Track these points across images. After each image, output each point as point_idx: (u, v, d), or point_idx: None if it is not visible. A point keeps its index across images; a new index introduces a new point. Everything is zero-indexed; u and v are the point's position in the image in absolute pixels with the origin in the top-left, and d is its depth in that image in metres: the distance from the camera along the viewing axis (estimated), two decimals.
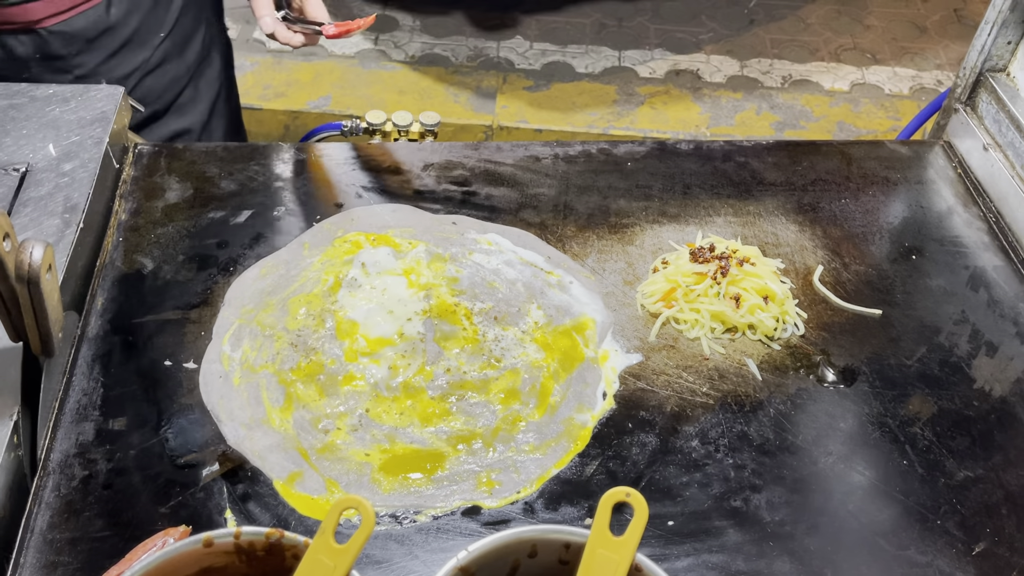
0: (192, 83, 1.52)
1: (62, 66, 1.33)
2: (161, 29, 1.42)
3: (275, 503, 0.92)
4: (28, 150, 1.17)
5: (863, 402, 1.06)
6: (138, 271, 1.13)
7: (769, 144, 1.39)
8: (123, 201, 1.21)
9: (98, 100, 1.24)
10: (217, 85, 1.59)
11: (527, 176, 1.30)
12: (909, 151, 1.40)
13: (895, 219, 1.28)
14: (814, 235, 1.25)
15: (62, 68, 1.33)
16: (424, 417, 1.00)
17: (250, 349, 1.05)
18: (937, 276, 1.21)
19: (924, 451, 1.01)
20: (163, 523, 0.89)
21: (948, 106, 1.43)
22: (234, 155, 1.29)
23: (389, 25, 3.23)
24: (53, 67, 1.33)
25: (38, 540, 0.88)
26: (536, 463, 0.97)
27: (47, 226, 1.08)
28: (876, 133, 2.91)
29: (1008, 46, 1.33)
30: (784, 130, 2.92)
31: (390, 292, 1.11)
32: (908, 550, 0.93)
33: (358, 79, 2.98)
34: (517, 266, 1.16)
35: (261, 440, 0.97)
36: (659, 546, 0.91)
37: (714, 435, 1.01)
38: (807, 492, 0.97)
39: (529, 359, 1.06)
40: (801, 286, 1.18)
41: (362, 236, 1.18)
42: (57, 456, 0.94)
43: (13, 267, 0.82)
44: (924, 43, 3.33)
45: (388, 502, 0.93)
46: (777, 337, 1.11)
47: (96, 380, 1.01)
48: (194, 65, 1.51)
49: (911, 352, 1.11)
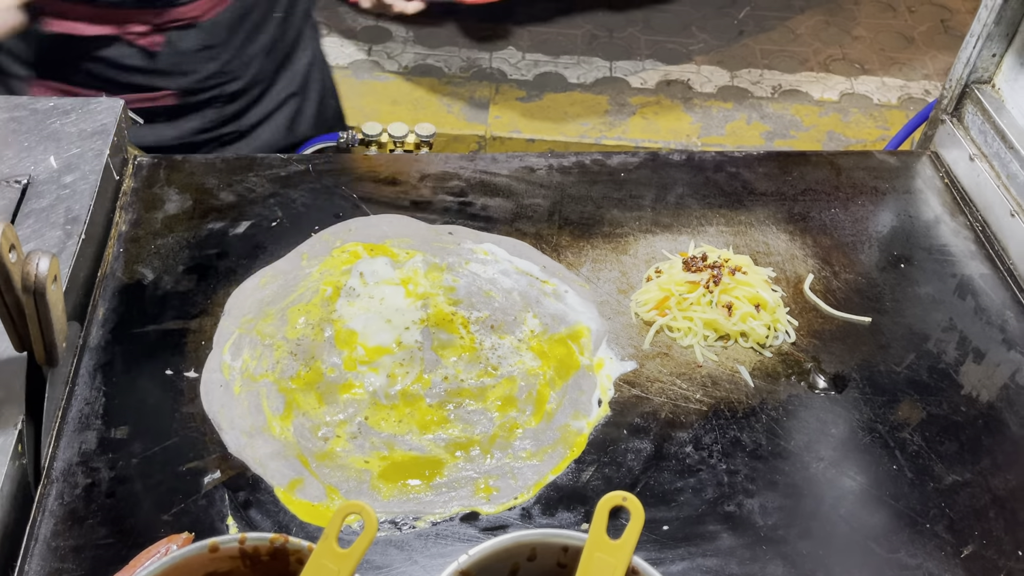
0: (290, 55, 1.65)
1: (211, 55, 1.49)
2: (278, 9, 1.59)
3: (276, 510, 0.94)
4: (30, 162, 1.18)
5: (854, 408, 1.08)
6: (139, 282, 1.14)
7: (760, 155, 1.42)
8: (123, 212, 1.23)
9: (98, 113, 1.26)
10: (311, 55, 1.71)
11: (522, 187, 1.32)
12: (897, 161, 1.42)
13: (884, 228, 1.31)
14: (804, 244, 1.27)
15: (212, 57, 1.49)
16: (422, 424, 1.01)
17: (250, 358, 1.07)
18: (925, 284, 1.23)
19: (914, 456, 1.03)
20: (165, 530, 0.90)
21: (935, 117, 1.45)
22: (232, 166, 1.31)
23: (382, 36, 3.25)
24: (207, 56, 1.48)
25: (42, 548, 0.89)
26: (533, 469, 0.99)
27: (49, 238, 1.10)
28: (865, 143, 2.94)
29: (993, 58, 1.36)
30: (774, 139, 2.95)
31: (388, 301, 1.12)
32: (898, 553, 0.94)
33: (351, 90, 3.00)
34: (513, 275, 1.18)
35: (262, 448, 0.99)
36: (654, 550, 0.92)
37: (708, 441, 1.03)
38: (799, 497, 0.99)
39: (525, 367, 1.07)
40: (792, 294, 1.20)
41: (360, 246, 1.19)
42: (60, 465, 0.95)
43: (19, 278, 0.84)
44: (912, 53, 3.37)
45: (387, 508, 0.95)
46: (769, 345, 1.13)
47: (98, 389, 1.02)
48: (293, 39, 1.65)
49: (900, 359, 1.13)
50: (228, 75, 1.53)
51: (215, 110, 1.57)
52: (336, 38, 3.23)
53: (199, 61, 1.49)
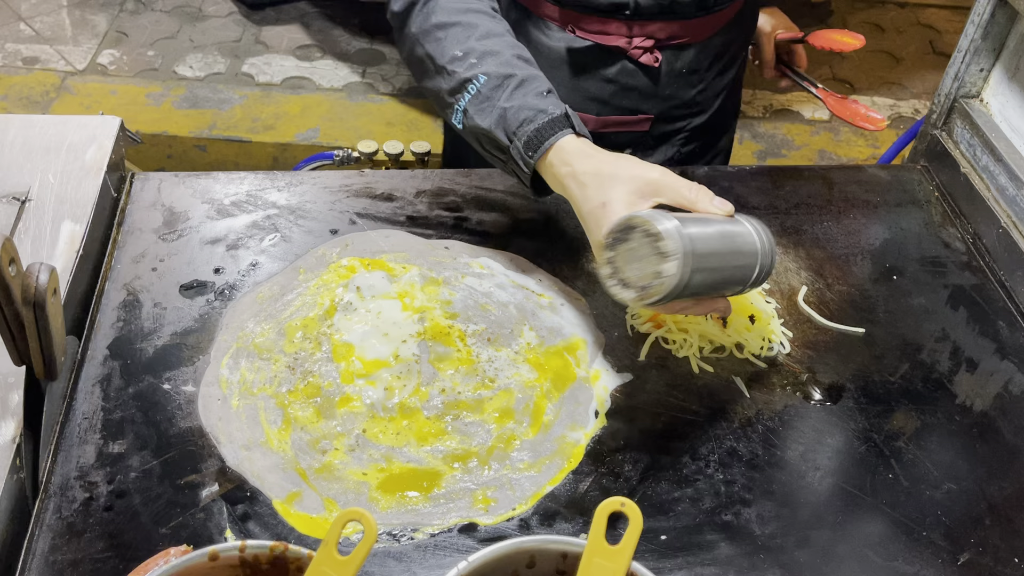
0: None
1: (694, 80, 1.45)
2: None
3: (274, 522, 0.94)
4: (28, 179, 1.19)
5: (849, 418, 1.08)
6: (136, 297, 1.15)
7: (752, 170, 1.43)
8: (121, 228, 1.23)
9: (96, 130, 1.27)
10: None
11: (517, 202, 1.33)
12: (888, 175, 1.44)
13: (876, 241, 1.32)
14: (798, 257, 1.28)
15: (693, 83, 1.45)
16: (420, 437, 1.02)
17: (248, 372, 1.07)
18: (918, 295, 1.24)
19: (909, 464, 1.04)
20: (164, 544, 0.90)
21: (925, 132, 1.47)
22: (230, 182, 1.32)
23: (376, 58, 3.28)
24: (691, 80, 1.44)
25: (40, 562, 0.89)
26: (531, 480, 0.99)
27: (47, 254, 1.10)
28: (856, 160, 2.97)
29: (981, 73, 1.38)
30: (767, 158, 2.97)
31: (385, 315, 1.13)
32: (896, 561, 0.95)
33: (346, 111, 3.02)
34: (509, 289, 1.19)
35: (260, 461, 0.99)
36: (652, 560, 0.93)
37: (704, 451, 1.03)
38: (796, 506, 0.99)
39: (522, 379, 1.08)
40: (786, 306, 1.21)
41: (357, 261, 1.20)
42: (58, 479, 0.95)
43: (20, 291, 0.84)
44: (900, 73, 3.40)
45: (386, 520, 0.95)
46: (764, 356, 1.14)
47: (96, 403, 1.02)
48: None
49: (894, 369, 1.14)
50: (699, 106, 1.48)
51: (673, 147, 1.50)
52: (330, 60, 3.25)
53: (682, 86, 1.43)
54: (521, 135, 1.09)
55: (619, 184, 1.03)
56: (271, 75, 3.15)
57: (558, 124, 1.09)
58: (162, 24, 3.39)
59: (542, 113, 1.09)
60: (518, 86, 1.11)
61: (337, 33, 3.38)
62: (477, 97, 1.12)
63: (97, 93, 3.01)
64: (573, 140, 1.08)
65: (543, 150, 1.08)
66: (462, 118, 1.14)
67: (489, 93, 1.11)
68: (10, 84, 3.02)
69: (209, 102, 3.00)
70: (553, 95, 1.13)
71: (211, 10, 3.50)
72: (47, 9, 3.41)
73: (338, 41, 3.35)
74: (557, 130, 1.08)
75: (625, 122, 1.44)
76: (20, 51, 3.18)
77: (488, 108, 1.11)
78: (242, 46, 3.30)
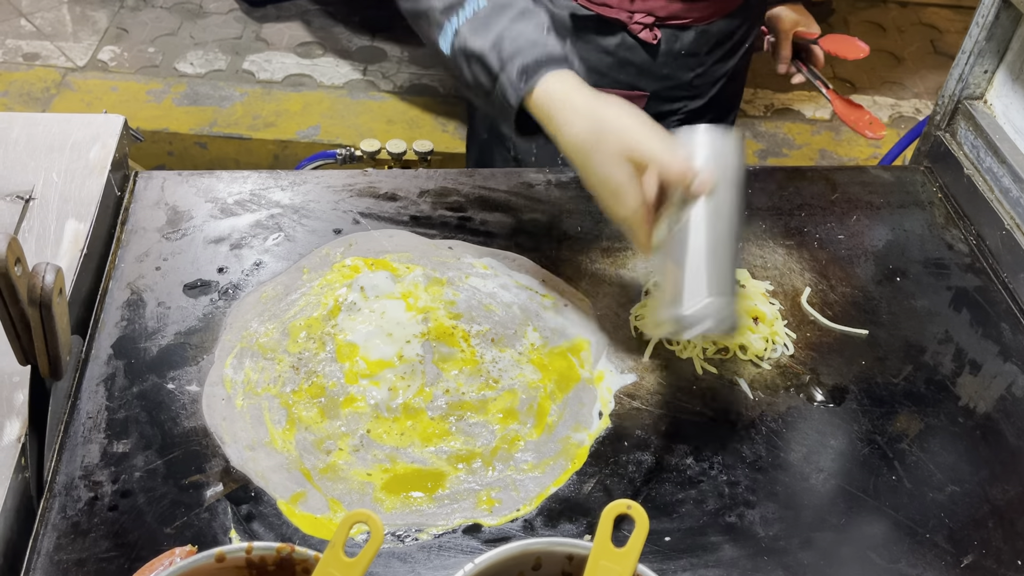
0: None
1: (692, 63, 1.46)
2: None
3: (279, 522, 0.94)
4: (32, 178, 1.19)
5: (852, 420, 1.08)
6: (140, 296, 1.15)
7: (756, 170, 1.43)
8: (125, 227, 1.23)
9: (100, 128, 1.27)
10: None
11: (521, 202, 1.33)
12: (891, 176, 1.44)
13: (879, 242, 1.32)
14: (801, 258, 1.28)
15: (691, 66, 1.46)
16: (424, 437, 1.02)
17: (252, 372, 1.07)
18: (921, 297, 1.24)
19: (912, 467, 1.04)
20: (168, 544, 0.90)
21: (928, 133, 1.47)
22: (233, 181, 1.32)
23: (377, 56, 3.27)
24: (690, 63, 1.45)
25: (45, 562, 0.89)
26: (535, 481, 0.99)
27: (51, 253, 1.10)
28: (857, 160, 2.97)
29: (985, 75, 1.38)
30: (767, 158, 2.97)
31: (389, 315, 1.13)
32: (899, 563, 0.95)
33: (347, 109, 3.01)
34: (513, 289, 1.19)
35: (264, 461, 0.99)
36: (657, 561, 0.93)
37: (708, 452, 1.03)
38: (800, 508, 0.99)
39: (526, 380, 1.08)
40: (789, 307, 1.21)
41: (360, 261, 1.20)
42: (63, 478, 0.95)
43: (25, 291, 0.84)
44: (902, 73, 3.40)
45: (390, 521, 0.95)
46: (767, 357, 1.14)
47: (101, 403, 1.02)
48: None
49: (897, 371, 1.14)
50: (695, 89, 1.48)
51: (668, 129, 1.50)
52: (331, 58, 3.24)
53: (680, 67, 1.44)
54: (517, 63, 1.04)
55: (612, 137, 1.00)
56: (272, 72, 3.15)
57: (557, 60, 1.05)
58: (163, 21, 3.38)
59: (541, 45, 1.05)
60: (521, 15, 1.07)
61: (338, 30, 3.37)
62: (475, 18, 1.07)
63: (98, 90, 3.00)
64: (571, 76, 1.04)
65: (537, 79, 1.03)
66: (452, 38, 1.08)
67: (488, 15, 1.07)
68: (10, 80, 3.01)
69: (210, 99, 2.99)
70: (554, 34, 1.09)
71: (212, 7, 3.49)
72: (48, 5, 3.41)
73: (339, 38, 3.34)
74: (555, 65, 1.04)
75: (621, 96, 1.43)
76: (21, 47, 3.17)
77: (484, 30, 1.06)
78: (243, 43, 3.30)
